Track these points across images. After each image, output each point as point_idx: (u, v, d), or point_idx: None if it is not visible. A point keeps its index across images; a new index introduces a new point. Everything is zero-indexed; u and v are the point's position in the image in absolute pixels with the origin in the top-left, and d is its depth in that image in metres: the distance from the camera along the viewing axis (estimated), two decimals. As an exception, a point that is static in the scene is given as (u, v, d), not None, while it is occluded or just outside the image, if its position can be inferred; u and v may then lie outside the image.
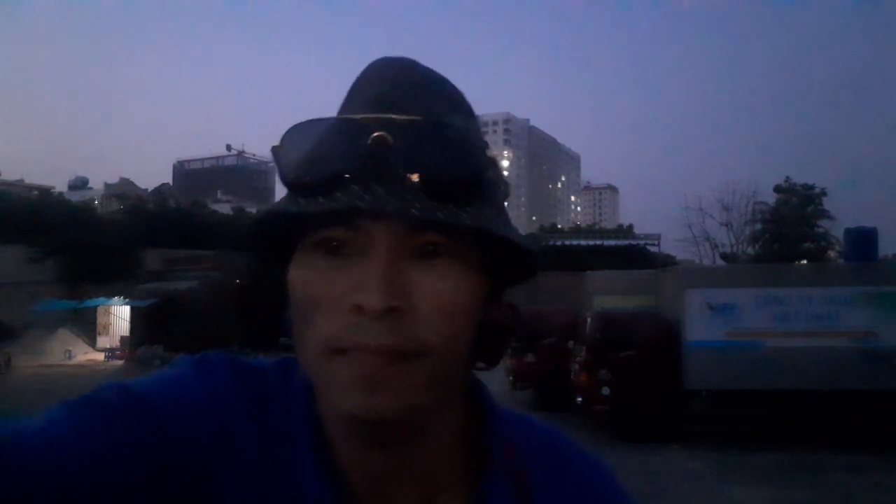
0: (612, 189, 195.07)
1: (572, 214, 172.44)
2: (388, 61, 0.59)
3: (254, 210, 61.70)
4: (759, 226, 39.38)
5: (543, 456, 0.65)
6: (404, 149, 0.49)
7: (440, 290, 0.51)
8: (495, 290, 0.58)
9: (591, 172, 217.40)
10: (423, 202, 0.49)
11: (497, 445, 0.62)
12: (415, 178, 0.49)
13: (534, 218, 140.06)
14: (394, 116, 0.51)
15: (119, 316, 27.29)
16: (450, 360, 0.53)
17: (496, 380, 15.36)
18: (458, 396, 0.61)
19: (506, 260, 0.56)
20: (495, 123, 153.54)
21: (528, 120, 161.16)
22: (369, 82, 0.57)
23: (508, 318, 0.61)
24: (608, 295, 14.47)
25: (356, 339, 0.49)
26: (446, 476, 0.60)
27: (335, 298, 0.51)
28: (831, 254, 36.90)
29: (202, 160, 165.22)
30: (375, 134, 0.49)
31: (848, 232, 13.88)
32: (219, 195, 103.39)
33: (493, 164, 0.56)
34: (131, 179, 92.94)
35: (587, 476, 0.66)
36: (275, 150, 0.54)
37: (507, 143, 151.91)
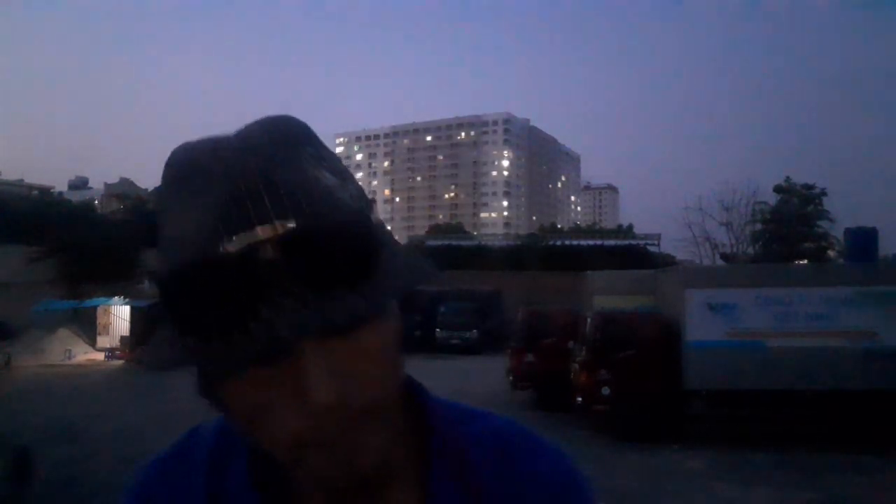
0: (612, 189, 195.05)
1: (572, 214, 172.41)
2: (253, 131, 0.54)
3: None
4: (759, 226, 39.34)
5: (492, 451, 0.66)
6: (298, 260, 0.48)
7: (372, 355, 0.53)
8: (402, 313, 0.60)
9: (591, 172, 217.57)
10: (334, 300, 0.49)
11: (441, 441, 0.64)
12: (316, 281, 0.48)
13: (534, 218, 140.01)
14: (270, 233, 0.48)
15: (119, 316, 27.26)
16: (392, 399, 0.56)
17: (496, 380, 15.36)
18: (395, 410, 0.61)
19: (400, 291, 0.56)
20: (495, 123, 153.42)
21: (528, 120, 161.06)
22: (203, 187, 0.51)
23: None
24: (608, 295, 14.46)
25: (322, 435, 0.51)
26: (396, 486, 0.63)
27: (281, 406, 0.51)
28: (831, 254, 36.89)
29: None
30: (260, 259, 0.47)
31: (848, 232, 13.91)
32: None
33: (371, 210, 0.55)
34: (131, 179, 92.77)
35: (537, 464, 0.66)
36: (155, 308, 0.53)
37: (507, 143, 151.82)
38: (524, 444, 0.68)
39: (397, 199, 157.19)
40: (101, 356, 25.03)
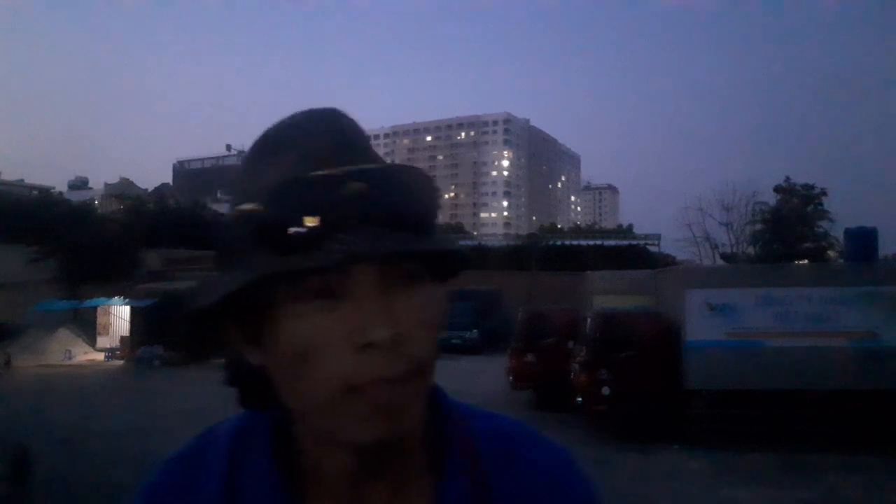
0: (612, 189, 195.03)
1: (572, 214, 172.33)
2: (317, 113, 0.63)
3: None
4: (759, 226, 39.32)
5: (497, 446, 0.69)
6: (377, 194, 0.54)
7: (425, 313, 0.58)
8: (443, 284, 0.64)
9: (591, 172, 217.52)
10: (401, 238, 0.55)
11: (454, 439, 0.67)
12: (389, 218, 0.54)
13: (534, 218, 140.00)
14: (362, 166, 0.56)
15: (119, 316, 27.26)
16: (433, 366, 0.60)
17: (496, 380, 15.35)
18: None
19: (449, 266, 0.63)
20: (495, 123, 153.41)
21: (528, 120, 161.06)
22: (306, 134, 0.61)
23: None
24: (608, 295, 14.48)
25: (372, 374, 0.54)
26: (411, 473, 0.65)
27: (339, 340, 0.55)
28: (831, 254, 36.87)
29: (202, 160, 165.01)
30: (350, 185, 0.54)
31: (848, 232, 13.86)
32: (219, 195, 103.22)
33: (435, 190, 0.61)
34: (131, 179, 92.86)
35: (540, 463, 0.69)
36: (251, 212, 0.56)
37: (507, 143, 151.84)
38: (527, 440, 0.71)
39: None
40: (101, 356, 25.03)
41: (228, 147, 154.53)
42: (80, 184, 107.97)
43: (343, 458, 0.61)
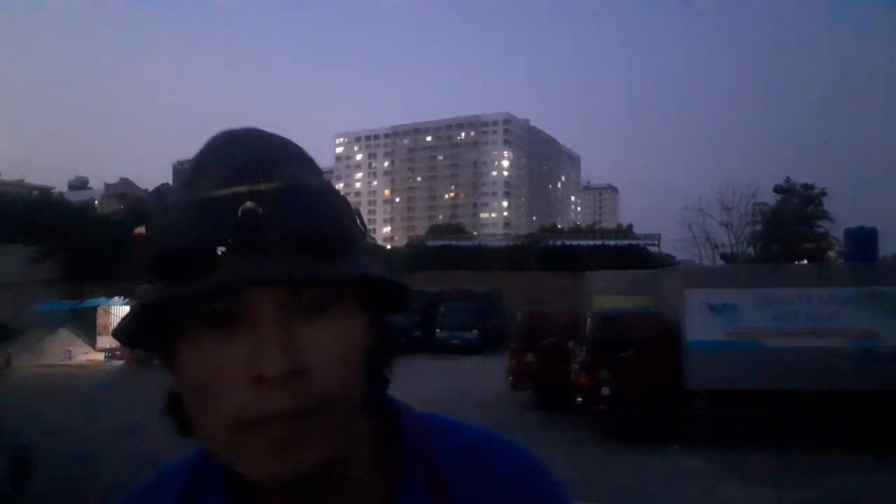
0: (612, 189, 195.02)
1: (572, 214, 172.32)
2: (233, 133, 0.59)
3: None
4: (759, 226, 39.32)
5: (463, 456, 0.67)
6: (273, 216, 0.51)
7: (331, 343, 0.54)
8: (373, 322, 0.60)
9: (591, 172, 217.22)
10: (301, 262, 0.51)
11: (411, 455, 0.65)
12: (287, 241, 0.51)
13: (534, 218, 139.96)
14: (258, 187, 0.52)
15: (119, 316, 27.24)
16: (349, 404, 0.55)
17: (496, 380, 15.36)
18: (364, 426, 0.63)
19: (379, 294, 0.59)
20: (495, 123, 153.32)
21: (528, 120, 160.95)
22: (221, 155, 0.57)
23: (387, 338, 0.64)
24: (608, 295, 14.46)
25: (262, 410, 0.51)
26: (366, 493, 0.63)
27: (231, 372, 0.52)
28: (831, 254, 36.87)
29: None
30: (245, 205, 0.51)
31: (848, 232, 13.86)
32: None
33: (355, 213, 0.59)
34: (131, 179, 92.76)
35: (509, 471, 0.67)
36: (140, 237, 0.55)
37: (507, 143, 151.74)
38: (497, 451, 0.69)
39: (397, 199, 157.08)
40: (101, 356, 25.02)
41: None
42: (80, 184, 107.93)
43: (282, 497, 0.59)
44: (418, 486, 0.63)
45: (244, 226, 0.51)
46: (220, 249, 0.50)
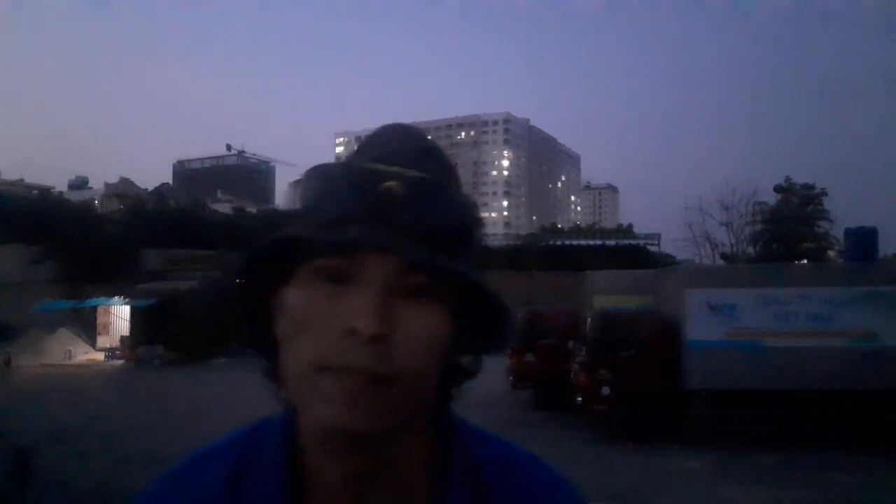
0: (612, 189, 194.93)
1: (572, 214, 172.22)
2: (397, 126, 0.68)
3: (254, 210, 61.64)
4: (759, 226, 39.34)
5: (503, 470, 0.70)
6: (408, 199, 0.57)
7: (420, 328, 0.58)
8: (463, 335, 0.63)
9: (591, 172, 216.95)
10: (419, 247, 0.56)
11: (459, 460, 0.69)
12: (414, 225, 0.57)
13: (534, 218, 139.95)
14: (403, 170, 0.59)
15: (119, 316, 27.26)
16: (417, 388, 0.59)
17: (496, 380, 15.35)
18: (424, 417, 0.67)
19: (475, 309, 0.62)
20: (495, 123, 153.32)
21: (528, 120, 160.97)
22: (380, 140, 0.65)
23: (473, 367, 0.70)
24: (608, 295, 14.46)
25: (343, 360, 0.55)
26: (413, 486, 0.66)
27: (329, 321, 0.57)
28: (831, 254, 36.87)
29: (202, 160, 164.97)
30: (386, 183, 0.57)
31: (848, 232, 13.88)
32: (219, 195, 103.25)
33: (479, 223, 0.64)
34: (131, 179, 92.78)
35: (544, 491, 0.71)
36: (294, 184, 0.62)
37: (507, 143, 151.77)
38: (530, 465, 0.73)
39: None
40: (101, 356, 25.03)
41: (228, 147, 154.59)
42: (80, 184, 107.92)
43: (334, 460, 0.62)
44: (462, 494, 0.67)
45: (382, 199, 0.56)
46: (353, 213, 0.57)
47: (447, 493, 0.66)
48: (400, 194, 0.57)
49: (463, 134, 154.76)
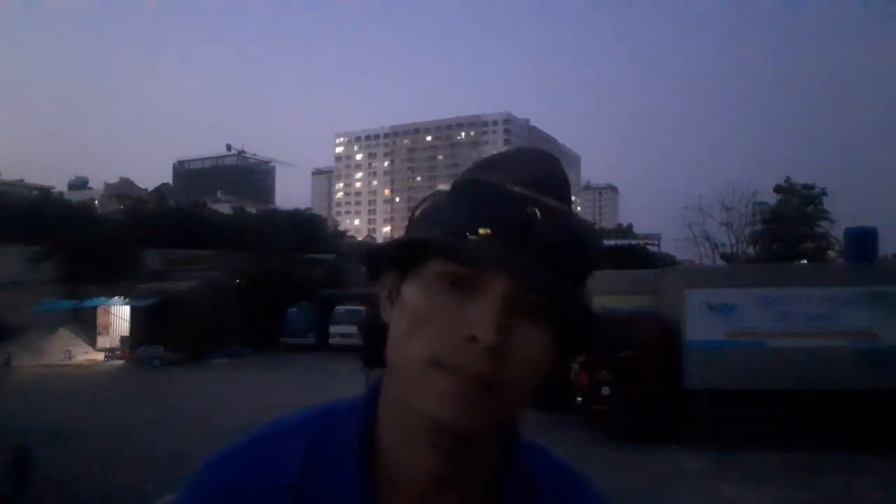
0: (612, 189, 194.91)
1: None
2: (536, 151, 0.71)
3: (254, 210, 61.60)
4: (759, 226, 39.31)
5: (556, 482, 0.77)
6: (546, 227, 0.61)
7: (531, 346, 0.62)
8: (560, 357, 0.67)
9: (591, 172, 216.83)
10: (545, 273, 0.59)
11: (520, 467, 0.73)
12: (545, 252, 0.60)
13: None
14: (548, 200, 0.63)
15: (119, 316, 27.24)
16: (519, 399, 0.65)
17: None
18: (501, 426, 0.71)
19: (577, 331, 0.66)
20: (495, 123, 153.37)
21: (528, 120, 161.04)
22: (522, 163, 0.68)
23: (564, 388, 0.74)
24: (608, 295, 14.44)
25: (461, 362, 0.60)
26: (479, 486, 0.70)
27: (450, 323, 0.61)
28: (831, 254, 36.85)
29: (202, 160, 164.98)
30: (529, 208, 0.61)
31: (848, 232, 13.85)
32: (219, 195, 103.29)
33: (601, 253, 0.68)
34: (131, 179, 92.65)
35: (589, 496, 0.79)
36: (443, 194, 0.66)
37: (507, 143, 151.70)
38: (573, 475, 0.80)
39: (397, 199, 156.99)
40: (101, 356, 25.01)
41: (228, 147, 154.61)
42: (80, 184, 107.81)
43: (420, 454, 0.66)
44: (521, 494, 0.72)
45: (522, 223, 0.60)
46: (490, 229, 0.60)
47: (507, 498, 0.71)
48: (539, 221, 0.60)
49: (463, 134, 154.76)
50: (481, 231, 0.60)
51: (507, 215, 0.60)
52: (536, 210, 0.61)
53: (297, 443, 0.70)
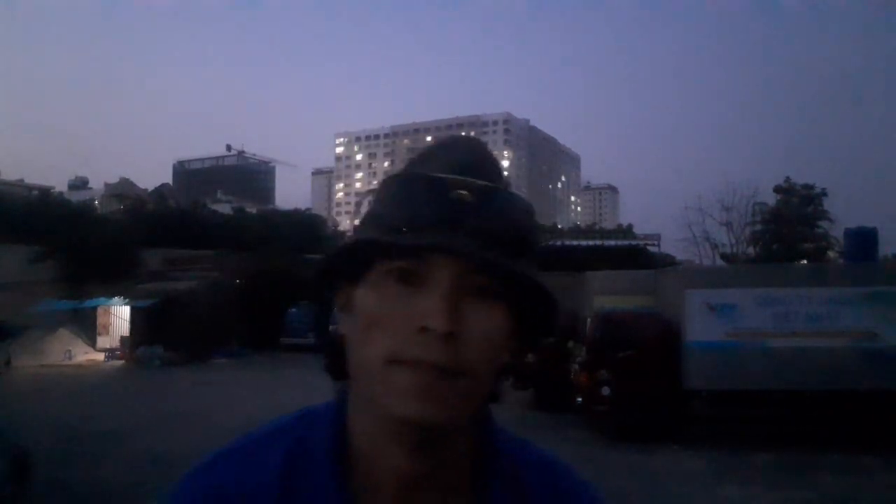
0: (612, 189, 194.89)
1: (572, 214, 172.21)
2: (459, 137, 0.72)
3: (254, 210, 61.61)
4: (759, 226, 39.32)
5: (542, 473, 0.75)
6: (477, 206, 0.61)
7: (486, 326, 0.62)
8: (519, 329, 0.67)
9: (591, 172, 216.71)
10: (487, 251, 0.60)
11: (501, 458, 0.73)
12: (481, 230, 0.60)
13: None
14: (473, 180, 0.63)
15: (119, 316, 27.23)
16: (483, 384, 0.64)
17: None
18: (472, 418, 0.70)
19: (533, 310, 0.67)
20: (495, 123, 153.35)
21: (528, 120, 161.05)
22: (446, 151, 0.69)
23: (529, 368, 0.72)
24: (608, 295, 14.45)
25: (417, 354, 0.60)
26: (459, 483, 0.70)
27: (402, 319, 0.61)
28: (831, 254, 36.86)
29: (202, 160, 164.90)
30: (458, 191, 0.61)
31: (848, 232, 13.88)
32: (219, 195, 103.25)
33: (539, 229, 0.64)
34: (131, 179, 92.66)
35: (579, 494, 0.77)
36: (371, 192, 0.67)
37: (507, 143, 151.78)
38: (562, 470, 0.78)
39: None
40: (101, 356, 25.00)
41: (228, 147, 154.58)
42: (80, 184, 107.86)
43: (391, 453, 0.65)
44: (503, 495, 0.71)
45: (453, 207, 0.61)
46: (426, 219, 0.60)
47: (491, 493, 0.70)
48: (469, 202, 0.61)
49: (463, 134, 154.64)
50: (415, 222, 0.60)
51: (436, 202, 0.61)
52: (465, 191, 0.61)
53: (276, 448, 0.70)
